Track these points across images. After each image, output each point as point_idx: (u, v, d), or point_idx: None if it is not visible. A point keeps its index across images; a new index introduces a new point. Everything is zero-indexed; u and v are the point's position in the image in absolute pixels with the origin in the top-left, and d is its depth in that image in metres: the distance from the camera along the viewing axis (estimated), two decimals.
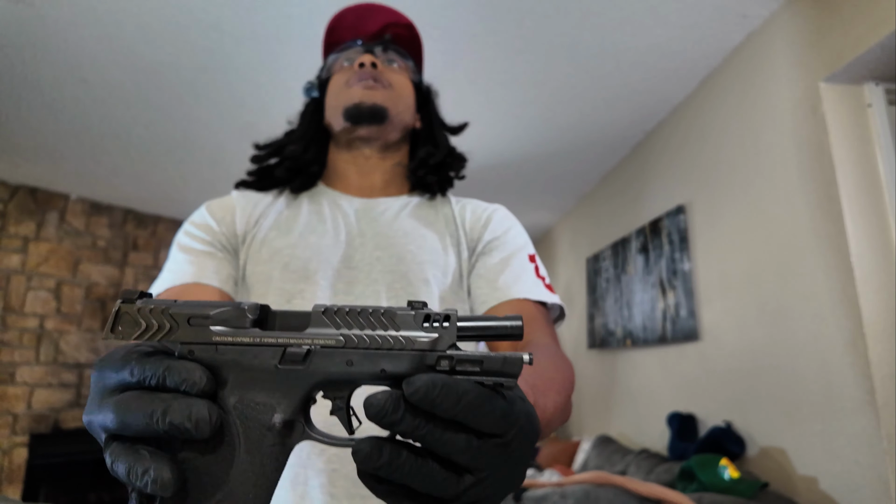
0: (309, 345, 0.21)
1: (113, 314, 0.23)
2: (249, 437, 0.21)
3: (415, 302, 0.22)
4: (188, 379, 0.20)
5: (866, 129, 1.31)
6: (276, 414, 0.21)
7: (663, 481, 1.58)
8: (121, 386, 0.22)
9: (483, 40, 1.62)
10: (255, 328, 0.22)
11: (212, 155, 2.40)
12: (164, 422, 0.20)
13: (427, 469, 0.20)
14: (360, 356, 0.21)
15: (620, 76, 1.81)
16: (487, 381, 0.21)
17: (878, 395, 1.16)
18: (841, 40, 1.27)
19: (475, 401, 0.20)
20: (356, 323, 0.22)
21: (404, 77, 0.63)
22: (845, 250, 1.24)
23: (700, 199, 1.87)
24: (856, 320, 1.21)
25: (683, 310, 1.90)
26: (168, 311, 0.22)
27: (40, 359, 2.65)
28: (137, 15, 1.48)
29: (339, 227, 0.58)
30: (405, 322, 0.21)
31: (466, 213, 0.64)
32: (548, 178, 2.75)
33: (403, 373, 0.21)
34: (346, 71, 0.62)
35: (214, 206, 0.59)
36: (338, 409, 0.23)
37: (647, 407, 2.19)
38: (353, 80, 0.60)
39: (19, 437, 2.52)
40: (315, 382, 0.21)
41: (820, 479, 1.31)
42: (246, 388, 0.21)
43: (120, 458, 0.21)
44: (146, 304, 0.22)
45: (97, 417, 0.22)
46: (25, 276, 2.66)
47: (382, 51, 0.63)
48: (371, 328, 0.21)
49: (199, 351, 0.22)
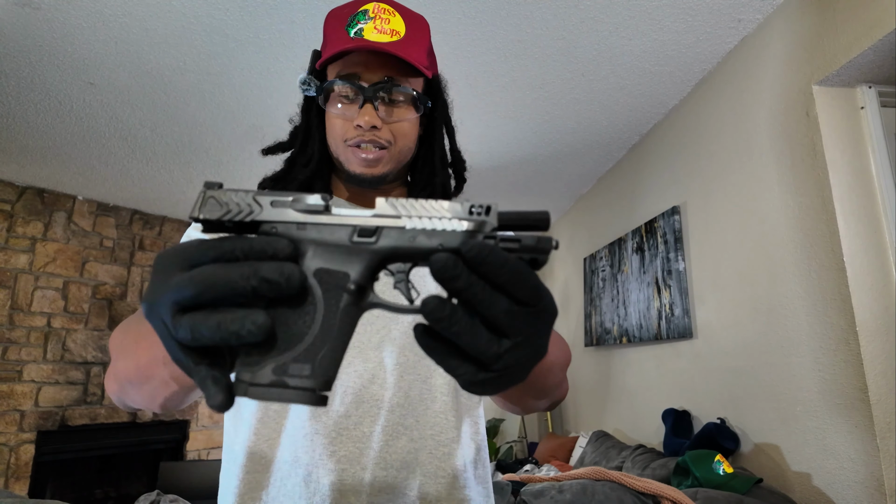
0: (378, 224, 0.25)
1: (200, 197, 0.25)
2: (328, 298, 0.24)
3: (458, 198, 0.25)
4: (275, 246, 0.23)
5: (859, 131, 1.33)
6: (351, 280, 0.24)
7: (659, 476, 1.60)
8: (195, 263, 0.23)
9: (481, 44, 1.65)
10: (327, 212, 0.25)
11: (217, 157, 2.43)
12: (256, 278, 0.21)
13: (476, 328, 0.23)
14: (421, 234, 0.25)
15: (616, 79, 1.83)
16: (525, 256, 0.24)
17: (871, 392, 1.17)
18: (834, 43, 1.29)
19: (517, 267, 0.23)
20: (414, 210, 0.25)
21: (407, 115, 0.57)
22: (838, 250, 1.26)
23: (694, 200, 1.89)
24: (849, 318, 1.22)
25: (678, 308, 1.92)
26: (251, 195, 0.25)
27: (47, 357, 2.68)
28: (144, 19, 1.51)
29: None
30: (454, 210, 0.25)
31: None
32: (545, 180, 2.77)
33: (458, 247, 0.24)
34: (342, 110, 0.56)
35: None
36: (399, 281, 0.26)
37: (642, 403, 2.21)
38: (351, 141, 0.56)
39: (26, 433, 2.55)
40: (384, 255, 0.25)
41: (814, 475, 1.32)
42: (324, 258, 0.25)
43: (205, 319, 0.22)
44: (230, 190, 0.26)
45: (166, 295, 0.22)
46: (33, 275, 2.69)
47: (386, 92, 0.56)
48: (427, 214, 0.25)
49: (282, 228, 0.25)
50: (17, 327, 2.61)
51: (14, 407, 2.54)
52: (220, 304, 0.22)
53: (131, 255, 3.10)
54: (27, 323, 2.64)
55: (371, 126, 0.55)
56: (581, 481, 1.39)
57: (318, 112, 0.61)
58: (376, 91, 0.55)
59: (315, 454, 0.50)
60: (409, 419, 0.53)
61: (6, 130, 2.14)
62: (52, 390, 2.67)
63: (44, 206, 2.76)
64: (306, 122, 0.62)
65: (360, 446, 0.51)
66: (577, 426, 2.97)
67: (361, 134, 0.55)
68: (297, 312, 0.24)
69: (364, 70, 0.56)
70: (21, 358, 2.60)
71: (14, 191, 2.67)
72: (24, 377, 2.59)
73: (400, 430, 0.52)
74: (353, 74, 0.56)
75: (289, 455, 0.50)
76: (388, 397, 0.52)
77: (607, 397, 2.58)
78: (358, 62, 0.56)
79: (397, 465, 0.51)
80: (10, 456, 2.49)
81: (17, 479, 2.50)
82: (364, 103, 0.55)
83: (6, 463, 2.47)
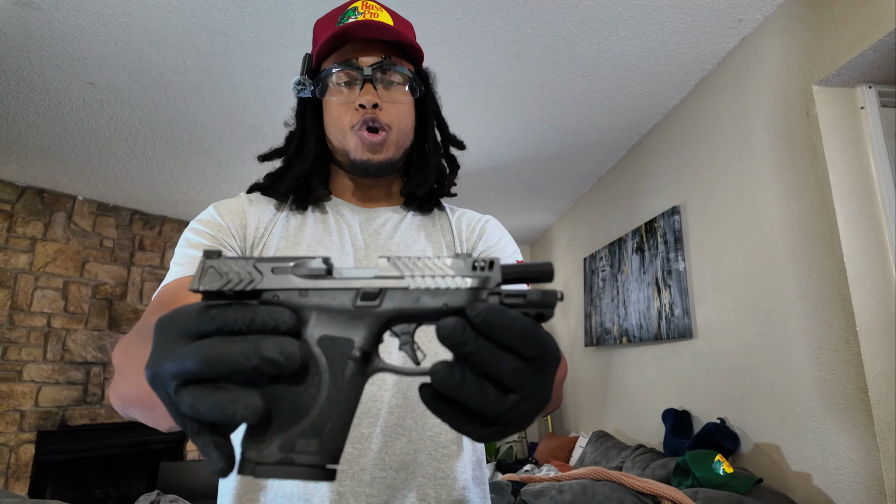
0: (381, 286, 0.25)
1: (199, 268, 0.25)
2: (333, 367, 0.24)
3: (461, 253, 0.24)
4: (278, 318, 0.23)
5: (859, 131, 1.33)
6: (356, 347, 0.24)
7: (659, 476, 1.60)
8: (197, 334, 0.23)
9: (482, 44, 1.65)
10: (329, 276, 0.25)
11: (217, 157, 2.43)
12: (256, 357, 0.21)
13: (484, 388, 0.24)
14: (424, 293, 0.25)
15: (616, 79, 1.83)
16: (531, 311, 0.24)
17: (871, 392, 1.17)
18: (834, 44, 1.28)
19: (524, 327, 0.24)
20: (417, 269, 0.25)
21: (404, 97, 0.59)
22: (838, 250, 1.26)
23: (694, 200, 1.89)
24: (848, 318, 1.22)
25: (678, 308, 1.92)
26: (252, 262, 0.25)
27: (47, 357, 2.68)
28: (144, 20, 1.51)
29: (344, 238, 0.59)
30: (457, 267, 0.25)
31: (462, 224, 0.65)
32: (545, 180, 2.77)
33: (462, 306, 0.24)
34: (343, 97, 0.58)
35: (223, 207, 0.59)
36: (404, 343, 0.26)
37: (642, 403, 2.21)
38: (356, 124, 0.57)
39: (26, 433, 2.55)
40: (388, 317, 0.25)
41: (813, 475, 1.32)
42: (328, 325, 0.24)
43: (204, 396, 0.22)
44: (230, 259, 0.25)
45: (169, 366, 0.23)
46: (33, 275, 2.69)
47: (383, 72, 0.58)
48: (431, 273, 0.25)
49: (284, 296, 0.24)
50: (16, 327, 2.60)
51: (14, 407, 2.54)
52: (222, 380, 0.23)
53: (131, 256, 3.10)
54: (27, 323, 2.64)
55: (373, 105, 0.56)
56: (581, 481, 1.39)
57: (314, 113, 0.62)
58: (374, 70, 0.57)
59: None
60: (408, 420, 0.53)
61: (6, 130, 2.14)
62: (51, 390, 2.67)
63: (44, 206, 2.76)
64: (301, 124, 0.63)
65: (360, 447, 0.50)
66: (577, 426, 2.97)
67: (364, 114, 0.57)
68: (303, 385, 0.23)
69: (360, 55, 0.58)
70: (21, 358, 2.60)
71: (14, 191, 2.67)
72: (24, 377, 2.59)
73: (399, 431, 0.52)
74: (350, 60, 0.58)
75: None
76: (387, 398, 0.52)
77: (607, 397, 2.58)
78: (353, 49, 0.58)
79: (396, 467, 0.51)
80: (10, 456, 2.49)
81: (17, 479, 2.50)
82: (364, 83, 0.57)
83: (6, 463, 2.47)
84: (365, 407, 0.52)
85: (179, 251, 0.54)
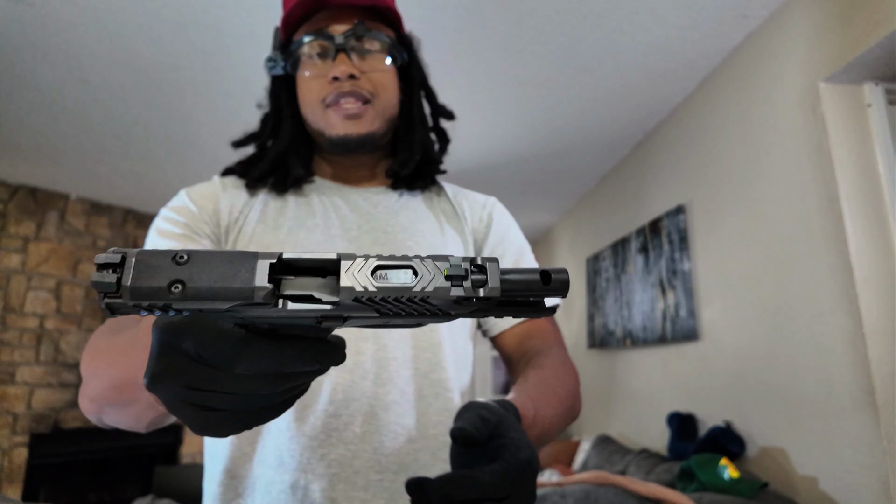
0: (346, 316, 0.20)
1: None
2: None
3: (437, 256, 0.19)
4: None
5: (866, 128, 1.31)
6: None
7: (663, 481, 1.58)
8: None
9: (483, 40, 1.62)
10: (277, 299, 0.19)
11: (212, 155, 2.40)
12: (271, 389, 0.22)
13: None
14: (396, 317, 0.20)
15: (620, 76, 1.81)
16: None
17: (878, 395, 1.15)
18: (841, 40, 1.27)
19: (485, 489, 0.27)
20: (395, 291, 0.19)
21: (382, 65, 0.54)
22: (845, 250, 1.24)
23: (700, 199, 1.87)
24: (856, 320, 1.21)
25: (683, 310, 1.90)
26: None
27: (40, 359, 2.65)
28: (138, 15, 1.49)
29: (330, 220, 0.54)
30: (440, 295, 0.18)
31: (465, 207, 0.61)
32: (548, 178, 2.75)
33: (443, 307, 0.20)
34: (316, 70, 0.53)
35: (195, 192, 0.54)
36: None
37: (646, 407, 2.19)
38: (329, 98, 0.52)
39: (19, 436, 2.52)
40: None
41: (820, 479, 1.30)
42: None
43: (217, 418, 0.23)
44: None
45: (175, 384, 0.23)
46: (25, 276, 2.66)
47: (358, 40, 0.52)
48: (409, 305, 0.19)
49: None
50: (9, 329, 2.57)
51: (7, 410, 2.51)
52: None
53: None
54: (19, 324, 2.61)
55: (348, 76, 0.51)
56: (584, 486, 1.37)
57: (287, 90, 0.58)
58: (347, 38, 0.52)
59: (302, 458, 0.46)
60: (407, 418, 0.49)
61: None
62: (45, 393, 2.64)
63: (36, 206, 2.73)
64: (276, 104, 0.59)
65: (352, 448, 0.47)
66: (579, 430, 2.95)
67: (339, 87, 0.52)
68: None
69: (331, 23, 0.53)
70: (13, 360, 2.57)
71: (6, 190, 2.64)
72: (16, 379, 2.56)
73: (397, 430, 0.48)
74: (321, 30, 0.53)
75: (273, 459, 0.46)
76: (381, 394, 0.48)
77: (611, 400, 2.56)
78: (324, 17, 0.53)
79: (394, 469, 0.47)
80: (2, 459, 2.46)
81: (10, 483, 2.47)
82: (337, 53, 0.52)
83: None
84: (356, 404, 0.47)
85: (149, 241, 0.50)
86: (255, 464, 0.47)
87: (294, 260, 0.18)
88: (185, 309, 0.18)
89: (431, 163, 0.60)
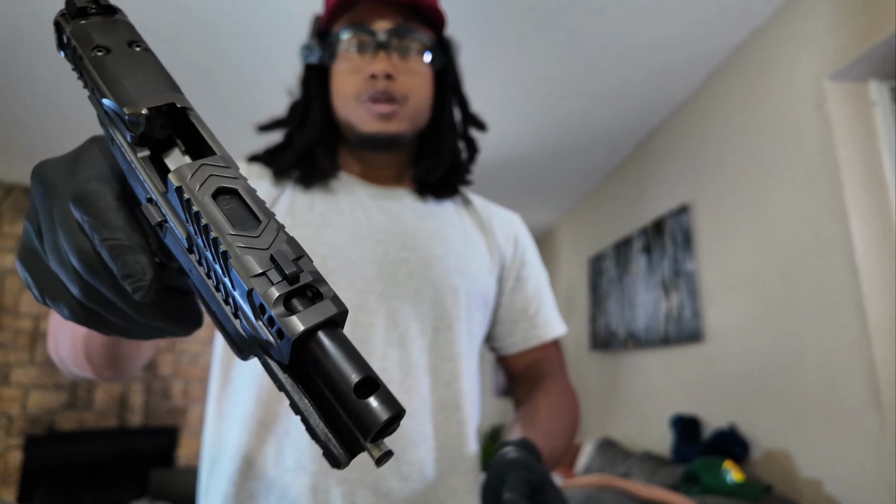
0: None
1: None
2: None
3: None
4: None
5: (871, 127, 1.30)
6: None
7: (666, 484, 1.57)
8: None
9: (485, 37, 1.61)
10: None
11: None
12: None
13: None
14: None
15: (623, 73, 1.79)
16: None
17: (884, 397, 1.14)
18: (846, 38, 1.25)
19: None
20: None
21: (421, 67, 0.54)
22: (850, 250, 1.23)
23: (704, 199, 1.86)
24: (861, 321, 1.19)
25: (687, 311, 1.88)
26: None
27: (35, 360, 2.63)
28: (134, 11, 1.46)
29: (358, 220, 0.53)
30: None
31: (494, 223, 0.61)
32: (549, 177, 2.73)
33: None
34: (354, 65, 0.53)
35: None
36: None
37: (649, 409, 2.18)
38: (363, 96, 0.52)
39: (14, 439, 2.50)
40: None
41: (825, 481, 1.29)
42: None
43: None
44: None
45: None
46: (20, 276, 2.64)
47: (399, 38, 0.52)
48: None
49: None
50: (3, 330, 2.55)
51: (1, 412, 2.49)
52: None
53: None
54: (14, 325, 2.59)
55: (386, 74, 0.51)
56: (586, 490, 1.36)
57: (320, 81, 0.57)
58: (390, 36, 0.52)
59: (323, 462, 0.45)
60: (428, 427, 0.49)
61: None
62: (39, 394, 2.61)
63: None
64: (306, 93, 0.58)
65: None
66: (581, 433, 2.93)
67: (374, 84, 0.51)
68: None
69: (374, 18, 0.52)
70: (8, 361, 2.55)
71: (1, 189, 2.62)
72: (11, 381, 2.54)
73: (418, 438, 0.48)
74: (363, 23, 0.52)
75: (292, 461, 0.46)
76: (405, 401, 0.48)
77: (613, 403, 2.54)
78: (367, 11, 0.53)
79: (416, 477, 0.47)
80: None
81: (5, 486, 2.45)
82: (377, 50, 0.51)
83: None
84: None
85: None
86: (271, 465, 0.46)
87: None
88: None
89: (458, 171, 0.59)
